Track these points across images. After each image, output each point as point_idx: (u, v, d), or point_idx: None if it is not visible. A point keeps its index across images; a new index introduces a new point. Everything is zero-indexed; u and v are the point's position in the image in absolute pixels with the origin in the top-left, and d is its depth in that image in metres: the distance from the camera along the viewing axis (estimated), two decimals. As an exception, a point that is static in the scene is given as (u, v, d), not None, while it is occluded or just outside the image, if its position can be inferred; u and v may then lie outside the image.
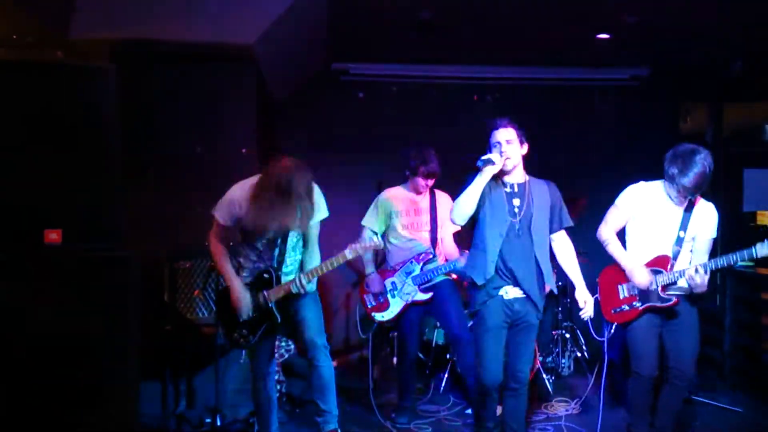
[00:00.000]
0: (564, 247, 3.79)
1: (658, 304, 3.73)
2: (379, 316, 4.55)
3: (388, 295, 4.54)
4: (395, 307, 4.52)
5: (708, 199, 3.95)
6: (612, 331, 3.91)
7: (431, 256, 4.52)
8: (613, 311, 3.84)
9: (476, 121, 6.73)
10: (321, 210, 3.79)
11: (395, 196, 4.64)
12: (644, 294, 3.75)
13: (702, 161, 3.65)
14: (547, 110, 6.77)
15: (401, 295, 4.51)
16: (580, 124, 6.80)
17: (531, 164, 3.74)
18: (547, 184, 3.76)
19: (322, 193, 3.82)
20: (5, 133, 2.96)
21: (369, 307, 4.59)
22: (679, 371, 3.77)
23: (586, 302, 3.64)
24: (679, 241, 3.77)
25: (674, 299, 3.71)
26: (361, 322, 4.65)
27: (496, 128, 3.69)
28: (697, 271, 3.60)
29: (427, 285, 4.50)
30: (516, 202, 3.64)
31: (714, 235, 3.84)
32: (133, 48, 4.51)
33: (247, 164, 4.66)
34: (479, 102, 6.84)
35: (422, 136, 6.63)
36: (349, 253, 3.65)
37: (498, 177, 3.63)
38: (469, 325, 4.80)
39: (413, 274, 4.49)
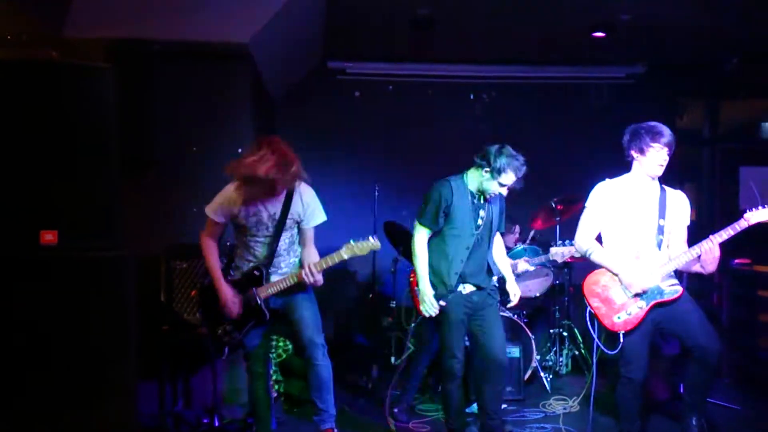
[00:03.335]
0: (499, 246, 4.15)
1: (666, 299, 3.61)
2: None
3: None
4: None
5: (706, 196, 3.94)
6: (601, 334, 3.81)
7: None
8: (616, 319, 3.65)
9: (473, 119, 6.81)
10: (317, 214, 3.81)
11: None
12: (645, 293, 3.63)
13: (664, 125, 3.67)
14: (543, 108, 6.79)
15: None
16: (576, 123, 6.81)
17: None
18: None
19: (318, 197, 3.83)
20: (1, 133, 2.95)
21: (418, 299, 4.44)
22: (702, 348, 3.59)
23: (515, 294, 4.08)
24: (661, 230, 3.69)
25: (681, 290, 3.62)
26: (406, 312, 4.65)
27: (516, 174, 3.76)
28: (714, 245, 3.52)
29: None
30: (482, 213, 3.89)
31: (688, 221, 3.79)
32: (129, 47, 4.50)
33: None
34: (476, 100, 6.85)
35: (418, 134, 6.66)
36: (345, 253, 3.67)
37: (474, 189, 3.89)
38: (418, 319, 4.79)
39: None
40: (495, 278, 4.09)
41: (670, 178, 3.79)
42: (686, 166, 3.82)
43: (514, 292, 4.08)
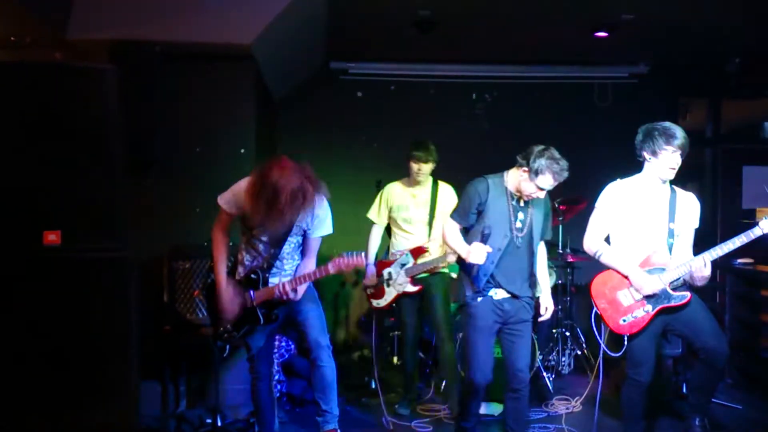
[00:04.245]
0: (541, 255, 3.87)
1: (673, 304, 3.58)
2: (375, 303, 4.87)
3: (384, 284, 4.77)
4: (389, 295, 4.76)
5: (708, 196, 3.92)
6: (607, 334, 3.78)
7: (425, 251, 4.68)
8: (621, 321, 3.62)
9: (475, 119, 6.81)
10: (325, 226, 3.78)
11: (395, 189, 4.84)
12: (653, 297, 3.59)
13: (678, 126, 3.63)
14: (545, 108, 6.79)
15: (395, 285, 4.72)
16: (579, 122, 6.80)
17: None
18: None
19: (330, 209, 3.81)
20: (4, 135, 2.96)
21: (368, 293, 4.89)
22: (710, 351, 3.57)
23: (547, 308, 3.85)
24: (671, 233, 3.66)
25: (689, 295, 3.59)
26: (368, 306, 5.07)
27: (554, 179, 3.54)
28: (705, 264, 3.51)
29: (417, 277, 4.68)
30: (521, 216, 3.66)
31: (697, 224, 3.76)
32: (131, 48, 4.50)
33: (247, 164, 4.66)
34: (478, 100, 6.85)
35: (421, 134, 6.64)
36: (331, 268, 3.64)
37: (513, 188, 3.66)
38: (456, 318, 4.87)
39: (406, 266, 4.69)
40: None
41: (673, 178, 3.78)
42: (689, 166, 3.79)
43: (546, 305, 3.88)
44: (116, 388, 3.05)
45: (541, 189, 3.54)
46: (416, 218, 4.72)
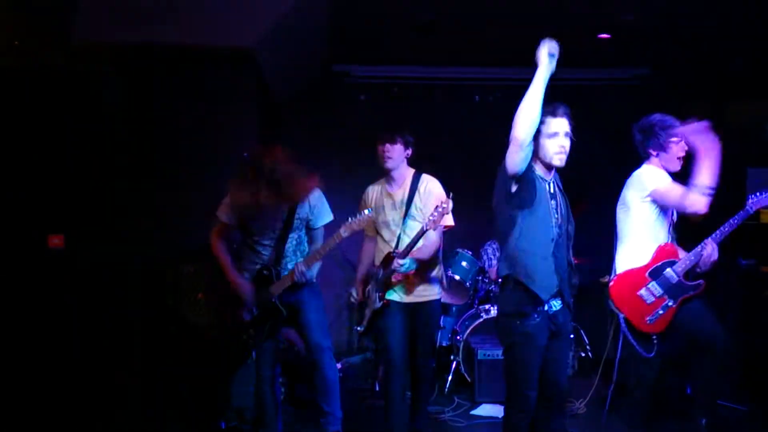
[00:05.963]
0: None
1: (691, 293, 3.64)
2: (358, 328, 4.75)
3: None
4: (366, 319, 4.07)
5: (712, 198, 3.95)
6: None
7: (392, 257, 3.85)
8: (648, 321, 3.63)
9: (478, 122, 6.80)
10: (324, 213, 3.84)
11: (371, 190, 4.20)
12: (672, 290, 3.63)
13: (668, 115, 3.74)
14: (548, 110, 6.77)
15: (369, 305, 4.02)
16: (582, 125, 6.77)
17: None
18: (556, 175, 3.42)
19: (324, 197, 3.86)
20: (8, 139, 2.98)
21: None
22: (709, 333, 3.64)
23: None
24: (675, 226, 3.77)
25: (703, 282, 3.65)
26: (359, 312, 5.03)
27: (555, 115, 3.32)
28: (712, 247, 3.61)
29: (407, 302, 3.97)
30: (553, 204, 3.24)
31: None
32: (134, 52, 4.53)
33: (249, 167, 4.67)
34: (481, 103, 6.85)
35: (423, 136, 6.64)
36: (344, 232, 3.67)
37: (540, 171, 3.27)
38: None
39: (378, 279, 3.96)
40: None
41: (675, 178, 3.79)
42: (692, 167, 3.83)
43: None
44: (119, 391, 3.07)
45: (562, 134, 3.30)
46: (394, 221, 3.98)
